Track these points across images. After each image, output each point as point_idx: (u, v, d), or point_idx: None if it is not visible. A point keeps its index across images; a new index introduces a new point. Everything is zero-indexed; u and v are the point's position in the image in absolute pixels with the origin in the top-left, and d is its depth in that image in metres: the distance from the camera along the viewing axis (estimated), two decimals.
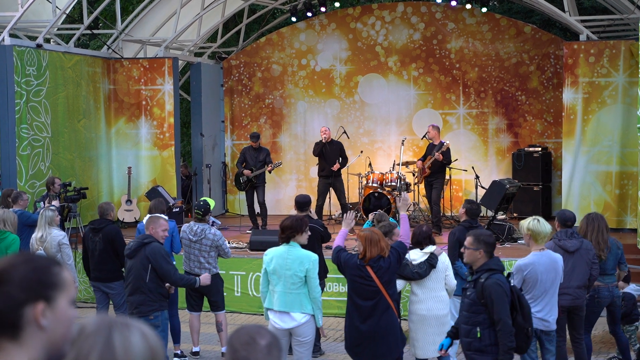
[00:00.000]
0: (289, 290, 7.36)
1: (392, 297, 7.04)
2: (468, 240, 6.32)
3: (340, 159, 14.84)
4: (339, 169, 14.81)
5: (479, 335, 6.17)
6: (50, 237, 9.56)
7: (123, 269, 9.76)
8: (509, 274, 6.74)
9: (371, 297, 6.98)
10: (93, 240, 9.72)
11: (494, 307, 6.10)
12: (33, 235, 9.74)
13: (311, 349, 7.62)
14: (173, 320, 9.73)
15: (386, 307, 6.99)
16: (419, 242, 8.11)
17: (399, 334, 7.13)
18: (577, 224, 8.62)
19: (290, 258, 7.38)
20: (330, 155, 14.66)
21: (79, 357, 2.09)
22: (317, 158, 14.98)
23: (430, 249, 8.03)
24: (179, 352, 9.80)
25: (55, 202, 11.72)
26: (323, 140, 14.67)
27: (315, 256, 7.44)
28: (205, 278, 8.80)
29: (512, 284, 6.38)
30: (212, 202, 9.80)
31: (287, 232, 7.39)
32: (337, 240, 7.62)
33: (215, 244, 9.39)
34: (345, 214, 8.12)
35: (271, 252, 7.53)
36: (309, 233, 7.63)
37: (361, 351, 7.13)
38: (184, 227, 9.61)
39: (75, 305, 2.33)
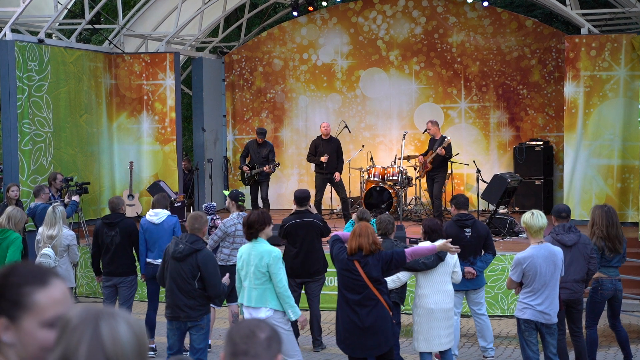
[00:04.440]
0: (254, 285, 7.49)
1: (381, 292, 7.05)
2: None
3: (337, 161, 14.62)
4: (336, 167, 14.60)
5: None
6: (60, 235, 9.48)
7: (137, 263, 9.84)
8: None
9: (359, 291, 7.02)
10: (109, 235, 9.66)
11: None
12: (40, 231, 9.56)
13: (290, 343, 7.66)
14: (151, 315, 9.78)
15: (375, 302, 7.00)
16: (438, 234, 8.10)
17: (389, 327, 7.12)
18: (579, 217, 8.62)
19: (253, 253, 7.48)
20: (328, 152, 14.52)
21: (67, 350, 2.06)
22: (316, 153, 14.86)
23: (441, 242, 8.02)
24: (153, 345, 9.84)
25: (76, 198, 11.75)
26: (323, 136, 14.56)
27: (276, 251, 7.47)
28: (226, 279, 8.25)
29: None
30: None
31: (256, 226, 7.47)
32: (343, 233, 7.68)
33: None
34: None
35: (241, 249, 7.69)
36: (272, 225, 7.72)
37: (351, 344, 7.17)
38: (234, 219, 9.55)
39: (77, 300, 2.37)
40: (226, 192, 10.04)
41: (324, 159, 14.29)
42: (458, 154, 15.19)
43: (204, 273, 7.57)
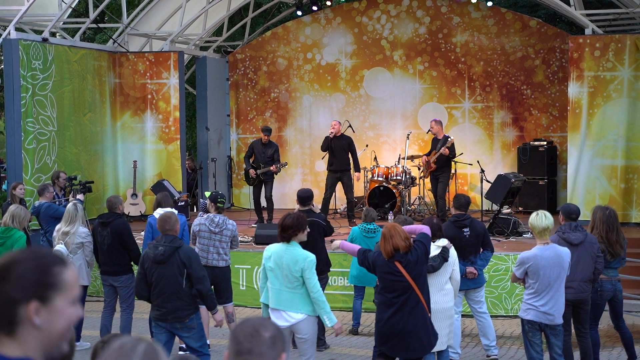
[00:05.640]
0: (285, 288, 7.31)
1: (422, 291, 7.02)
2: None
3: (351, 161, 14.66)
4: (349, 168, 14.66)
5: None
6: (75, 232, 9.54)
7: (132, 263, 9.81)
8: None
9: (403, 293, 6.95)
10: (102, 235, 9.67)
11: None
12: (57, 227, 9.67)
13: (314, 346, 7.59)
14: None
15: (416, 302, 6.95)
16: (433, 234, 8.09)
17: (430, 328, 7.11)
18: (582, 217, 8.60)
19: (287, 257, 7.30)
20: (338, 149, 14.53)
21: (123, 347, 2.26)
22: (327, 152, 14.87)
23: (443, 242, 8.01)
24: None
25: (80, 196, 11.77)
26: (330, 136, 14.58)
27: (311, 256, 7.32)
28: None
29: None
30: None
31: (289, 231, 7.29)
32: (351, 246, 7.72)
33: (233, 234, 9.45)
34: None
35: (271, 249, 7.50)
36: (309, 229, 7.62)
37: (394, 346, 7.08)
38: (201, 219, 9.50)
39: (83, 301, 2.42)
40: (207, 194, 10.02)
41: (356, 178, 14.75)
42: (462, 153, 15.18)
43: (190, 267, 7.55)
